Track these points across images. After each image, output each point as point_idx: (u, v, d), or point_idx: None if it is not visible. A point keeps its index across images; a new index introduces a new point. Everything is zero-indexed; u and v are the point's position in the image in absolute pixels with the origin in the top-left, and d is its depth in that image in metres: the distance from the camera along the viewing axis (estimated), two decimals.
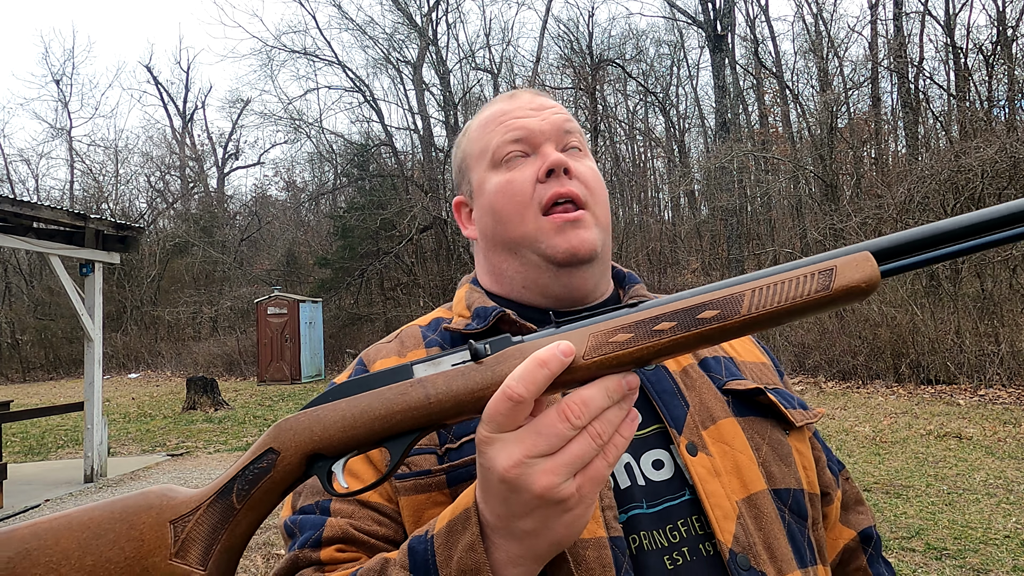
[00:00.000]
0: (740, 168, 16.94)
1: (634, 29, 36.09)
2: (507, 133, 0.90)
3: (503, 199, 0.88)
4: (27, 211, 6.86)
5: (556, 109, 0.92)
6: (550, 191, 0.86)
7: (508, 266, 0.91)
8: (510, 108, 0.92)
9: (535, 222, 0.86)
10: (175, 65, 60.83)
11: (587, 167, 0.90)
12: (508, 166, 0.89)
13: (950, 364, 10.72)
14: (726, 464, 0.79)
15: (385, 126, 23.63)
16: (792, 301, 0.59)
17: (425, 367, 0.61)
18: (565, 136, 0.90)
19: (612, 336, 0.59)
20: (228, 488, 0.60)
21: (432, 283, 21.73)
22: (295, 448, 0.60)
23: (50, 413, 8.71)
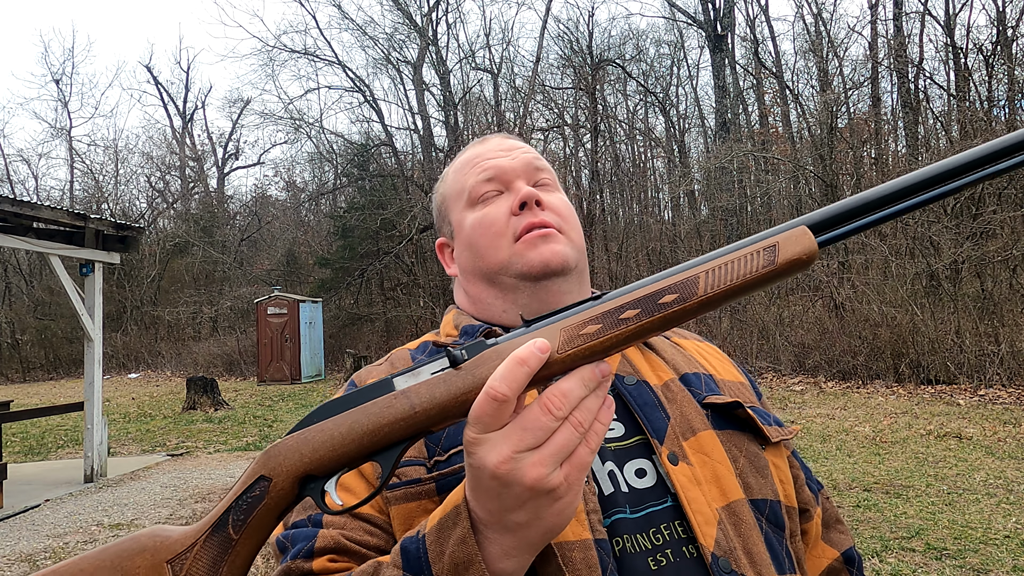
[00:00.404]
0: (740, 168, 16.95)
1: (634, 29, 36.15)
2: (481, 173, 0.96)
3: (479, 232, 0.94)
4: (27, 211, 6.86)
5: (525, 149, 0.99)
6: (524, 221, 0.91)
7: (487, 295, 0.96)
8: (482, 151, 0.99)
9: (509, 248, 0.92)
10: (175, 65, 60.88)
11: (558, 199, 0.96)
12: (484, 203, 0.95)
13: (950, 364, 10.72)
14: (705, 473, 0.82)
15: (385, 126, 23.64)
16: (743, 278, 0.63)
17: (405, 379, 0.62)
18: (535, 172, 0.97)
19: (582, 329, 0.62)
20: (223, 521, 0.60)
21: (432, 283, 21.73)
22: (286, 472, 0.61)
23: (50, 413, 8.71)
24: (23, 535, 5.73)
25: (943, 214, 12.74)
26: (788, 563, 0.83)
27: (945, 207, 12.81)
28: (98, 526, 5.91)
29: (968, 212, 12.56)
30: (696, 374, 0.93)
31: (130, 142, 43.49)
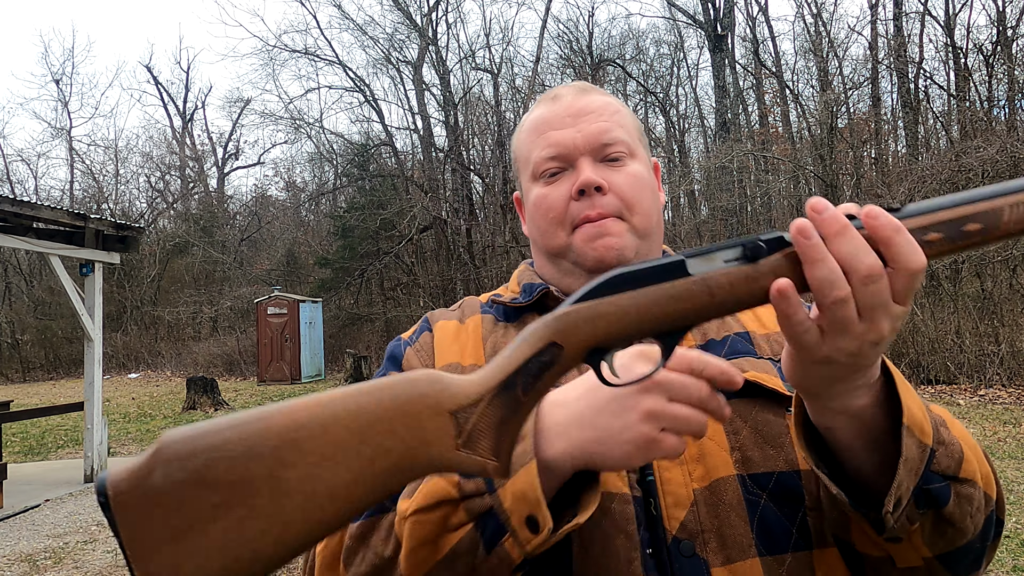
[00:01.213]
0: (740, 168, 16.94)
1: (634, 29, 36.12)
2: (544, 149, 0.92)
3: (539, 214, 0.93)
4: (27, 211, 6.86)
5: (596, 115, 0.92)
6: (581, 213, 0.89)
7: (549, 269, 0.97)
8: (550, 116, 0.94)
9: (567, 237, 0.91)
10: (175, 65, 60.86)
11: (625, 176, 0.91)
12: (546, 180, 0.93)
13: (950, 364, 10.72)
14: (691, 451, 0.80)
15: (385, 126, 23.63)
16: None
17: (698, 262, 0.61)
18: (603, 148, 0.91)
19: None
20: (512, 382, 0.60)
21: (432, 283, 21.73)
22: (578, 343, 0.61)
23: (50, 413, 8.72)
24: (23, 535, 5.73)
25: None
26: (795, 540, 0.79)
27: None
28: (98, 526, 5.91)
29: None
30: (725, 338, 0.90)
31: (130, 142, 43.54)
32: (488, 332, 0.96)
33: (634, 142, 0.94)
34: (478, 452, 0.58)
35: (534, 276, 0.99)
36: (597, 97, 0.95)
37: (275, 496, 0.53)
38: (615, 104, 0.96)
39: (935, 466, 0.68)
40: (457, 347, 0.95)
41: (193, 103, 38.49)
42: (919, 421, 0.66)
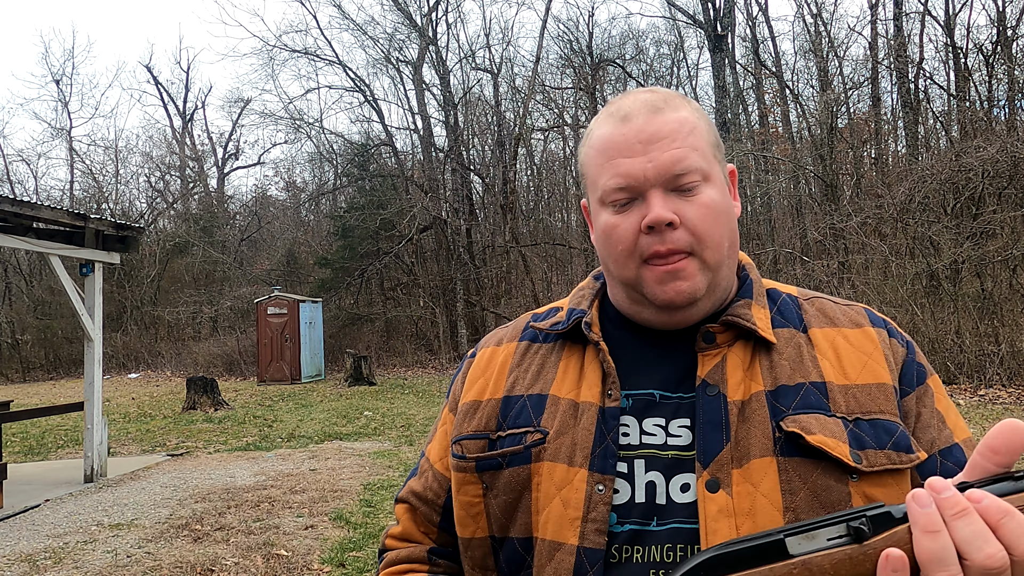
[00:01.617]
0: (740, 168, 16.92)
1: (634, 29, 36.14)
2: (613, 179, 0.87)
3: (609, 243, 0.89)
4: (27, 211, 6.86)
5: (670, 140, 0.86)
6: (651, 248, 0.85)
7: (618, 292, 0.94)
8: (620, 140, 0.88)
9: (636, 270, 0.87)
10: (175, 65, 60.84)
11: (699, 207, 0.85)
12: (615, 210, 0.88)
13: (950, 364, 10.72)
14: (742, 505, 0.78)
15: (385, 126, 23.64)
16: None
17: (799, 540, 0.60)
18: (675, 179, 0.85)
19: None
20: None
21: (432, 283, 21.73)
22: None
23: (50, 413, 8.71)
24: (23, 535, 5.73)
25: (943, 214, 12.74)
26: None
27: (945, 207, 12.81)
28: (98, 526, 5.91)
29: (968, 212, 12.56)
30: (799, 385, 0.84)
31: (130, 142, 43.53)
32: (516, 363, 0.97)
33: (709, 162, 0.88)
34: None
35: (583, 299, 0.98)
36: (671, 116, 0.88)
37: None
38: (690, 121, 0.89)
39: None
40: (483, 380, 0.98)
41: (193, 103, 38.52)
42: None
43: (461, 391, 1.00)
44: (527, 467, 0.87)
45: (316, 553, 4.99)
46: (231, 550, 5.11)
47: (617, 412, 0.86)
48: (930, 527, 0.55)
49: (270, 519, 5.85)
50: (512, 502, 0.87)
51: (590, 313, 0.95)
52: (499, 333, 1.05)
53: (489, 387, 0.96)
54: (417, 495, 1.01)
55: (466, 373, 1.02)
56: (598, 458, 0.84)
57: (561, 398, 0.90)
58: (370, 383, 16.21)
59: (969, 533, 0.55)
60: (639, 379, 0.89)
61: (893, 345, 0.90)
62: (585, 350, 0.93)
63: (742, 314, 0.88)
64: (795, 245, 16.53)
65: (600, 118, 0.94)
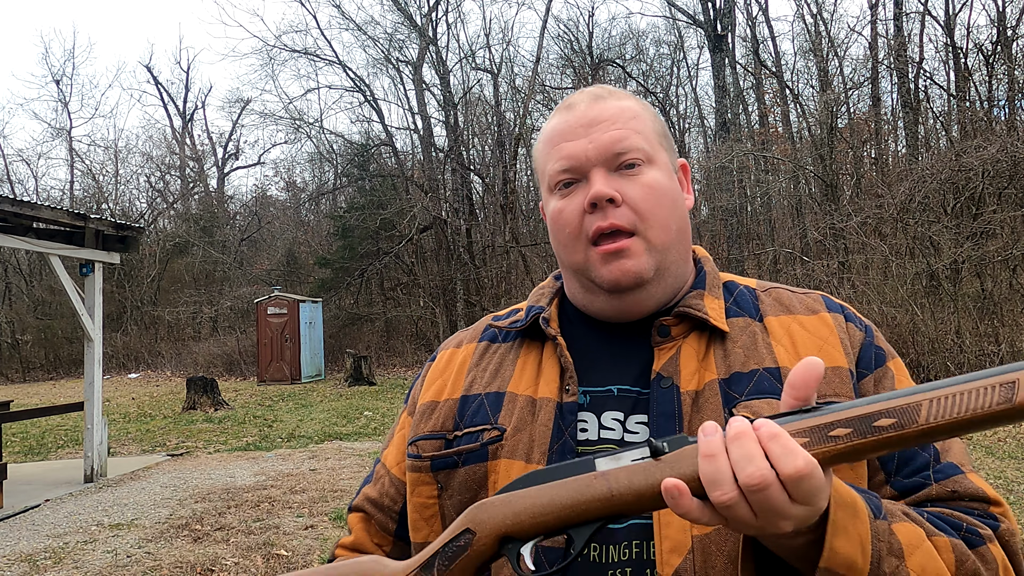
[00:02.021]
0: (740, 168, 16.94)
1: (634, 29, 36.09)
2: (557, 161, 0.90)
3: (557, 228, 0.91)
4: (27, 211, 6.86)
5: (610, 122, 0.88)
6: (593, 225, 0.86)
7: (572, 283, 0.95)
8: (563, 127, 0.91)
9: (585, 252, 0.88)
10: (175, 65, 60.89)
11: (640, 186, 0.87)
12: (560, 193, 0.90)
13: (950, 364, 10.72)
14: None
15: (385, 126, 23.64)
16: (971, 413, 0.60)
17: (607, 461, 0.66)
18: (616, 157, 0.87)
19: None
20: (430, 563, 0.69)
21: (432, 283, 21.73)
22: (490, 530, 0.67)
23: (50, 413, 8.72)
24: (23, 535, 5.73)
25: (943, 214, 12.74)
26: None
27: (945, 207, 12.81)
28: (98, 526, 5.91)
29: (968, 212, 12.56)
30: (753, 371, 0.85)
31: (130, 142, 43.53)
32: (475, 363, 0.97)
33: (653, 147, 0.90)
34: None
35: (544, 296, 0.98)
36: (613, 103, 0.91)
37: None
38: (633, 108, 0.91)
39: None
40: (441, 381, 0.97)
41: (193, 103, 38.48)
42: (847, 559, 0.64)
43: (419, 393, 1.00)
44: (484, 465, 0.86)
45: (316, 553, 4.99)
46: (231, 550, 5.12)
47: (575, 407, 0.86)
48: (708, 451, 0.61)
49: (270, 519, 5.85)
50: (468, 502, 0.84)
51: (548, 310, 0.95)
52: (460, 335, 1.05)
53: (447, 387, 0.96)
54: (372, 502, 1.00)
55: (425, 375, 1.02)
56: (556, 454, 0.83)
57: (519, 395, 0.89)
58: (370, 383, 16.22)
59: (739, 455, 0.60)
60: (597, 375, 0.89)
61: (850, 329, 0.91)
62: (544, 347, 0.93)
63: (694, 304, 0.89)
64: (795, 245, 16.52)
65: (550, 117, 0.97)
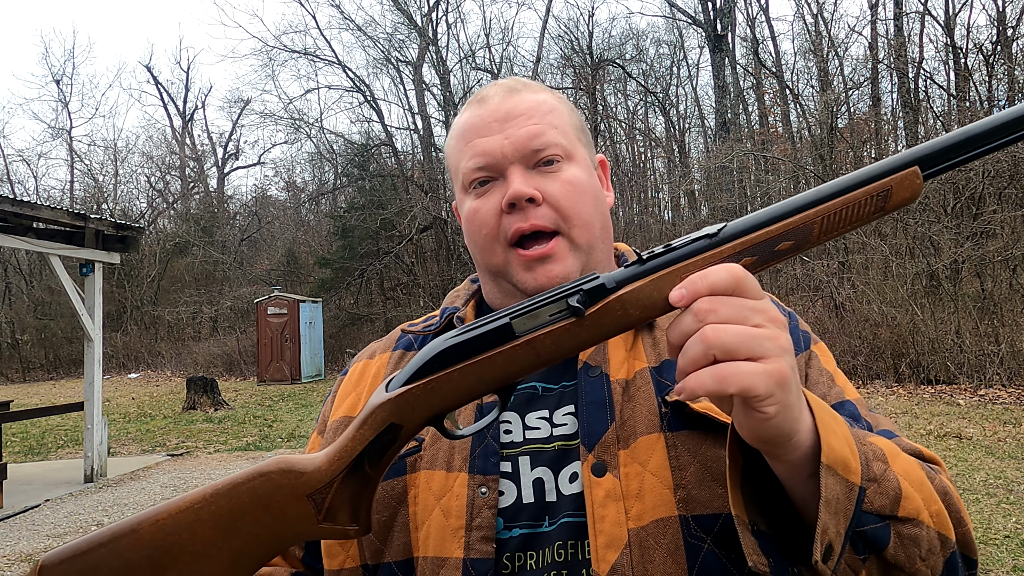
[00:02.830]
0: (740, 168, 16.94)
1: (634, 29, 36.07)
2: (471, 159, 0.85)
3: (473, 229, 0.86)
4: (27, 211, 6.86)
5: (526, 117, 0.85)
6: (512, 226, 0.83)
7: (490, 287, 0.92)
8: (476, 121, 0.87)
9: (504, 254, 0.84)
10: (175, 65, 60.87)
11: (561, 184, 0.83)
12: (475, 192, 0.86)
13: (950, 364, 10.72)
14: (631, 487, 0.74)
15: (385, 126, 23.64)
16: (853, 222, 0.64)
17: (524, 320, 0.63)
18: (534, 154, 0.84)
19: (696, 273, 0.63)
20: (359, 463, 0.65)
21: (432, 283, 21.72)
22: (417, 420, 0.65)
23: (50, 413, 8.72)
24: (23, 535, 5.73)
25: (943, 214, 12.74)
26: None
27: (945, 207, 12.81)
28: (98, 526, 5.91)
29: (968, 212, 12.56)
30: None
31: (130, 142, 43.52)
32: (389, 373, 0.91)
33: (571, 143, 0.87)
34: (339, 522, 0.65)
35: (457, 298, 0.95)
36: (528, 96, 0.87)
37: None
38: (549, 102, 0.87)
39: (867, 505, 0.63)
40: (355, 395, 0.92)
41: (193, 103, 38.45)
42: (842, 458, 0.62)
43: (331, 410, 0.94)
44: (402, 479, 0.81)
45: None
46: None
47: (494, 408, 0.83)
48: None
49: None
50: (386, 521, 0.80)
51: (463, 310, 0.92)
52: (373, 346, 1.00)
53: (361, 401, 0.90)
54: None
55: (337, 391, 0.96)
56: (479, 459, 0.79)
57: None
58: None
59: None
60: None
61: None
62: None
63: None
64: None
65: (461, 111, 0.92)
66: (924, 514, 0.66)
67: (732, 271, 0.59)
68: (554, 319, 0.62)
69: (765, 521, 0.66)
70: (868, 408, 0.85)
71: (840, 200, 0.64)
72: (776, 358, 0.58)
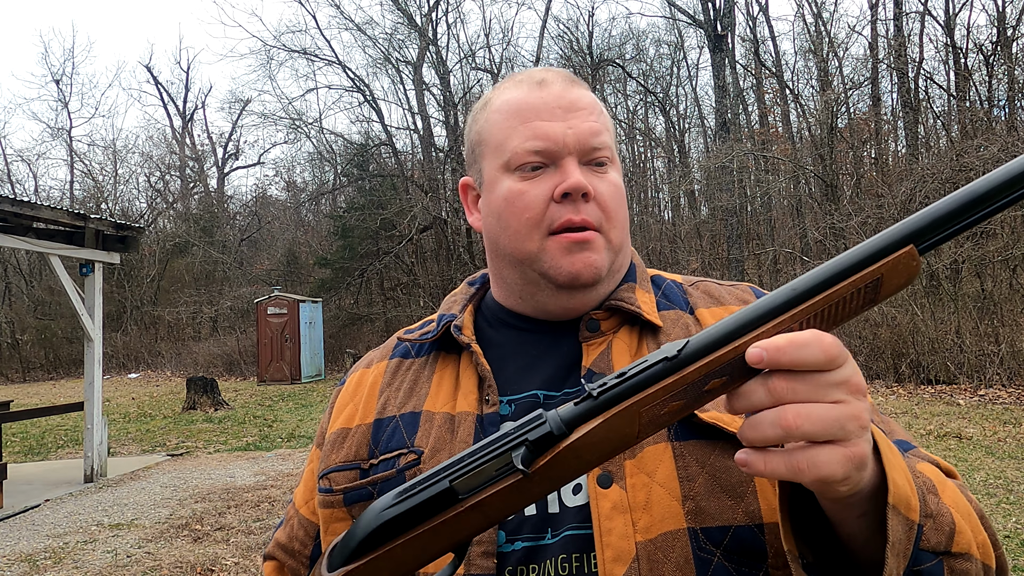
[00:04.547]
0: (740, 168, 16.94)
1: (634, 29, 36.10)
2: (528, 141, 0.82)
3: (511, 211, 0.83)
4: (27, 211, 6.86)
5: (588, 111, 0.83)
6: (563, 217, 0.80)
7: (509, 274, 0.88)
8: (537, 104, 0.83)
9: (540, 242, 0.82)
10: (175, 65, 60.94)
11: (609, 184, 0.83)
12: (523, 175, 0.82)
13: (950, 364, 10.72)
14: (638, 499, 0.72)
15: (385, 126, 23.63)
16: (841, 319, 0.56)
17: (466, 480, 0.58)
18: (591, 152, 0.82)
19: (660, 407, 0.56)
20: None
21: (432, 283, 21.73)
22: None
23: (50, 413, 8.72)
24: (23, 535, 5.73)
25: None
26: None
27: None
28: (98, 526, 5.91)
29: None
30: None
31: (130, 142, 43.53)
32: (387, 383, 0.90)
33: (615, 148, 0.87)
34: None
35: (454, 304, 0.93)
36: (586, 91, 0.86)
37: None
38: (599, 104, 0.87)
39: (924, 543, 0.60)
40: (352, 406, 0.90)
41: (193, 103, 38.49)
42: (905, 496, 0.59)
43: (328, 422, 0.92)
44: None
45: None
46: (231, 550, 5.11)
47: (496, 419, 0.80)
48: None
49: (270, 519, 5.85)
50: None
51: (461, 317, 0.89)
52: (370, 355, 0.98)
53: (359, 412, 0.88)
54: (283, 547, 0.92)
55: (334, 403, 0.94)
56: None
57: (436, 413, 0.83)
58: None
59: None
60: (519, 382, 0.83)
61: None
62: (460, 358, 0.87)
63: (626, 298, 0.84)
64: (795, 245, 16.52)
65: (506, 86, 0.88)
66: (973, 547, 0.64)
67: (825, 347, 0.53)
68: (500, 475, 0.57)
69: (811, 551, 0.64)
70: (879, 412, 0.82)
71: (820, 299, 0.55)
72: (857, 440, 0.54)
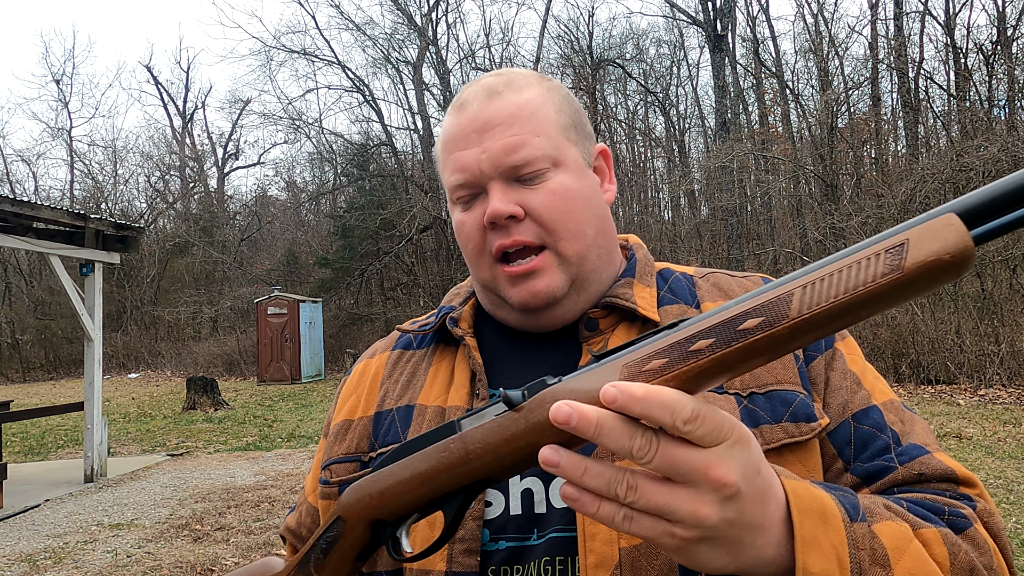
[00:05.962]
0: (740, 168, 16.93)
1: (634, 29, 36.06)
2: (453, 175, 0.81)
3: (462, 242, 0.84)
4: (27, 211, 6.86)
5: (506, 125, 0.79)
6: (495, 243, 0.79)
7: (482, 296, 0.89)
8: (455, 132, 0.82)
9: (491, 269, 0.81)
10: (175, 65, 60.94)
11: (545, 195, 0.79)
12: (462, 206, 0.83)
13: (950, 364, 10.72)
14: None
15: (385, 126, 23.64)
16: (854, 292, 0.47)
17: (470, 421, 0.58)
18: (512, 170, 0.78)
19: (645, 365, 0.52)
20: (306, 559, 0.64)
21: (432, 283, 21.73)
22: (358, 514, 0.62)
23: (50, 413, 8.72)
24: (23, 535, 5.73)
25: None
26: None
27: None
28: (98, 526, 5.91)
29: None
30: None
31: (130, 142, 43.54)
32: (387, 375, 0.90)
33: (558, 147, 0.80)
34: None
35: (457, 296, 0.93)
36: (510, 99, 0.80)
37: None
38: (533, 102, 0.81)
39: None
40: (355, 397, 0.91)
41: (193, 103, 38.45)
42: (823, 572, 0.54)
43: (334, 412, 0.93)
44: None
45: None
46: (231, 550, 5.12)
47: None
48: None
49: (270, 519, 5.85)
50: None
51: (460, 309, 0.89)
52: (376, 345, 0.98)
53: (361, 404, 0.89)
54: (292, 532, 0.97)
55: (340, 394, 0.95)
56: None
57: (428, 407, 0.83)
58: None
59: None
60: (514, 377, 0.81)
61: None
62: (457, 352, 0.86)
63: (622, 294, 0.82)
64: (795, 245, 16.52)
65: (448, 110, 0.87)
66: None
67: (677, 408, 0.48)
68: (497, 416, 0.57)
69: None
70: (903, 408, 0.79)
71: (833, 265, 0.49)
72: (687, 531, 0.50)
